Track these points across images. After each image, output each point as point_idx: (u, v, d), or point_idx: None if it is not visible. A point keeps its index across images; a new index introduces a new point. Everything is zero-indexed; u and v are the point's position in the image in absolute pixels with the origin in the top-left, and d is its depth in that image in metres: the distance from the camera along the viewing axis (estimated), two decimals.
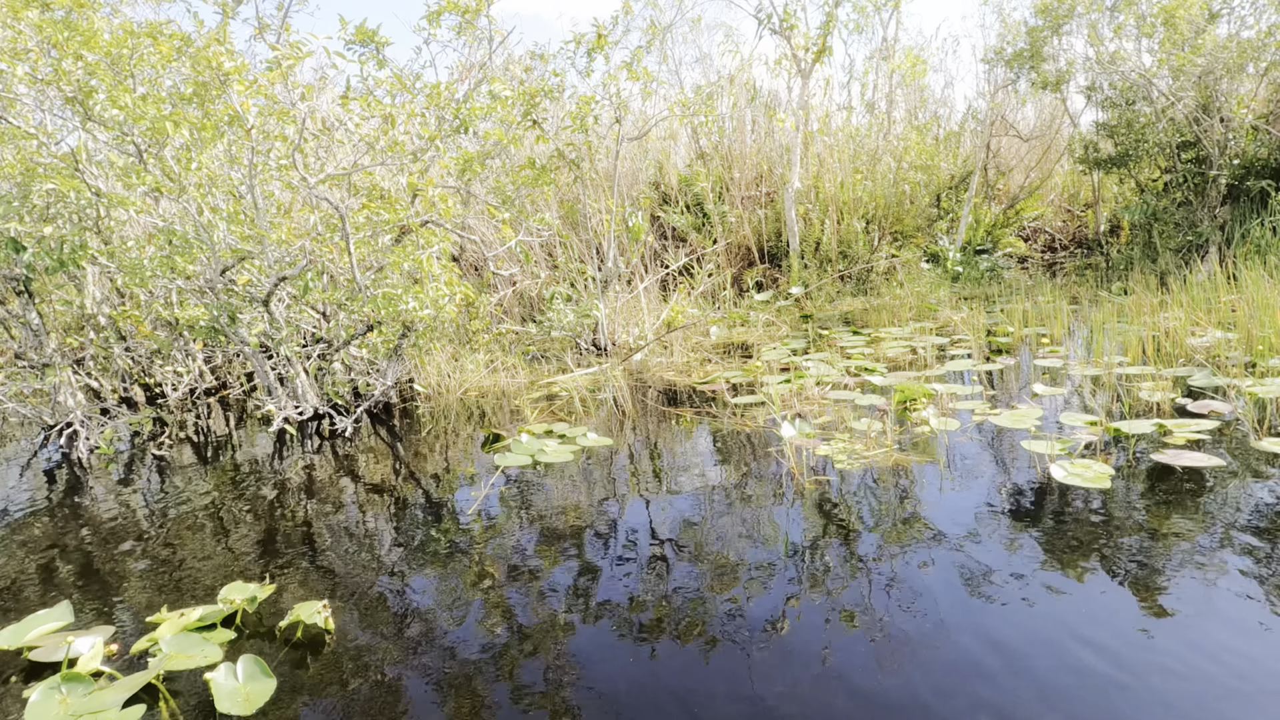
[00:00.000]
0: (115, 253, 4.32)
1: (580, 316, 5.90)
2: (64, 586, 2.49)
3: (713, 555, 2.42)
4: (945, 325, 6.41)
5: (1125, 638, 1.82)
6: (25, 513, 3.35)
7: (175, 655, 1.88)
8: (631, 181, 8.56)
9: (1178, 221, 7.34)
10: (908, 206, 8.96)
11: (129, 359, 5.41)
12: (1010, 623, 1.92)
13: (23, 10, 3.73)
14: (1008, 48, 7.74)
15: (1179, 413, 3.56)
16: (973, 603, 2.03)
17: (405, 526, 2.90)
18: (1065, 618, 1.92)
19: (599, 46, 5.06)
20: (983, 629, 1.90)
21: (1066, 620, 1.91)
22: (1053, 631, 1.87)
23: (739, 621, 2.01)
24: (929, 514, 2.63)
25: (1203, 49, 6.26)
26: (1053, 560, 2.23)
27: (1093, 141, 8.32)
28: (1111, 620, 1.90)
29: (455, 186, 5.24)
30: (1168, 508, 2.53)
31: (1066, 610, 1.96)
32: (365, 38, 4.19)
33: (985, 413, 3.77)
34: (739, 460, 3.41)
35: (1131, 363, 4.53)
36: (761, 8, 7.53)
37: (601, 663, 1.87)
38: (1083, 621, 1.90)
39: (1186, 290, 5.79)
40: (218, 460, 4.10)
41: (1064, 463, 2.98)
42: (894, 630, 1.91)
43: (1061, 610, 1.96)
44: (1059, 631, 1.87)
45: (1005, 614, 1.96)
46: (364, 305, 4.10)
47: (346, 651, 1.97)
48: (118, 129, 4.08)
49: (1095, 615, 1.93)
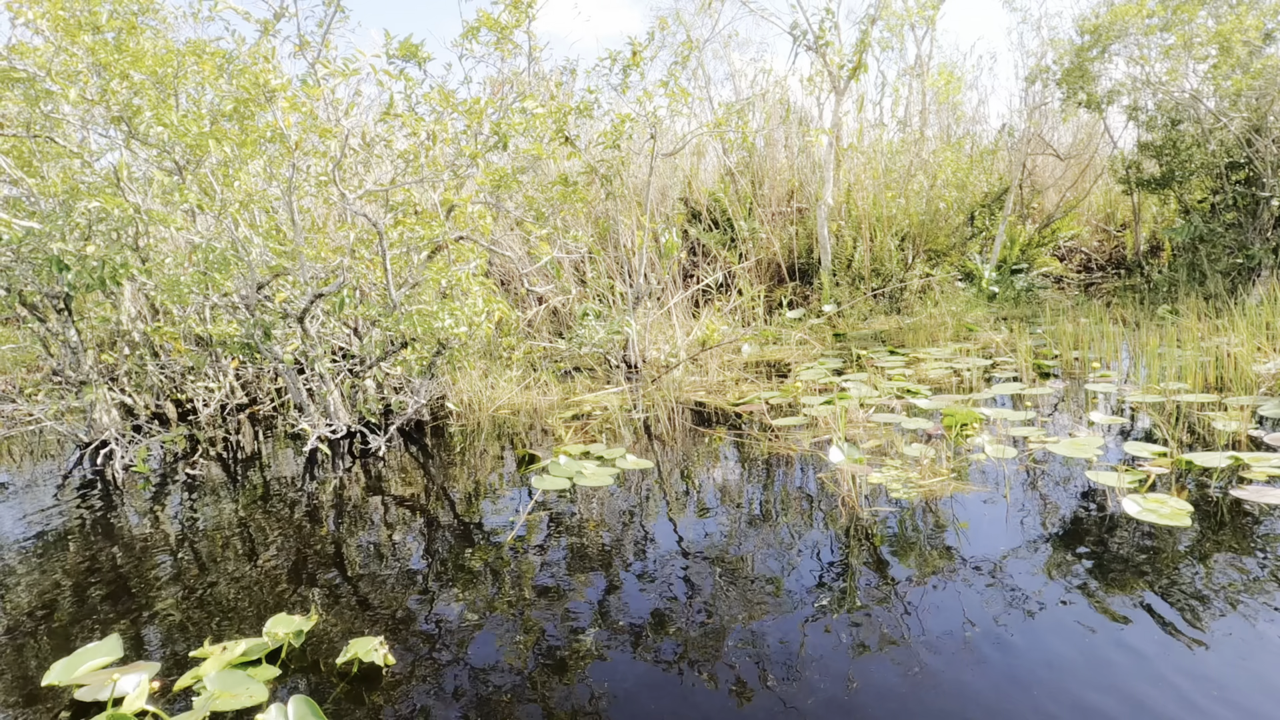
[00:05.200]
0: (153, 270, 4.32)
1: (611, 333, 5.82)
2: (103, 613, 2.42)
3: (773, 592, 2.30)
4: (986, 346, 6.24)
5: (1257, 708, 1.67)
6: (62, 533, 3.31)
7: (220, 694, 1.79)
8: (661, 198, 8.51)
9: (1228, 244, 7.12)
10: (941, 224, 8.81)
11: (162, 375, 5.40)
12: (1127, 684, 1.78)
13: (78, 34, 3.76)
14: (1055, 66, 7.60)
15: (1254, 445, 3.37)
16: (1079, 658, 1.88)
17: (447, 553, 2.81)
18: (1184, 681, 1.77)
19: (634, 63, 5.02)
20: (1100, 683, 1.75)
21: (1188, 684, 1.76)
22: (1181, 697, 1.72)
23: (815, 667, 1.88)
24: (1002, 554, 2.48)
25: (1260, 72, 6.09)
26: (1146, 612, 2.07)
27: (1136, 162, 8.13)
28: (1241, 684, 1.75)
29: (489, 202, 5.20)
30: (1261, 551, 2.37)
31: (1185, 670, 1.81)
32: (409, 53, 4.18)
33: (1041, 440, 3.61)
34: (788, 488, 3.28)
35: (1192, 389, 4.34)
36: (796, 25, 7.49)
37: (676, 705, 1.75)
38: (1208, 685, 1.75)
39: (1244, 314, 5.57)
40: (250, 479, 4.05)
41: (1136, 497, 2.82)
42: (995, 685, 1.77)
43: (1179, 669, 1.81)
44: (1187, 697, 1.72)
45: (1120, 673, 1.82)
46: (399, 322, 4.05)
47: (400, 691, 1.87)
48: (161, 147, 4.09)
49: (1217, 677, 1.77)
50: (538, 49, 4.88)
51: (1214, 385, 4.38)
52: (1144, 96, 7.38)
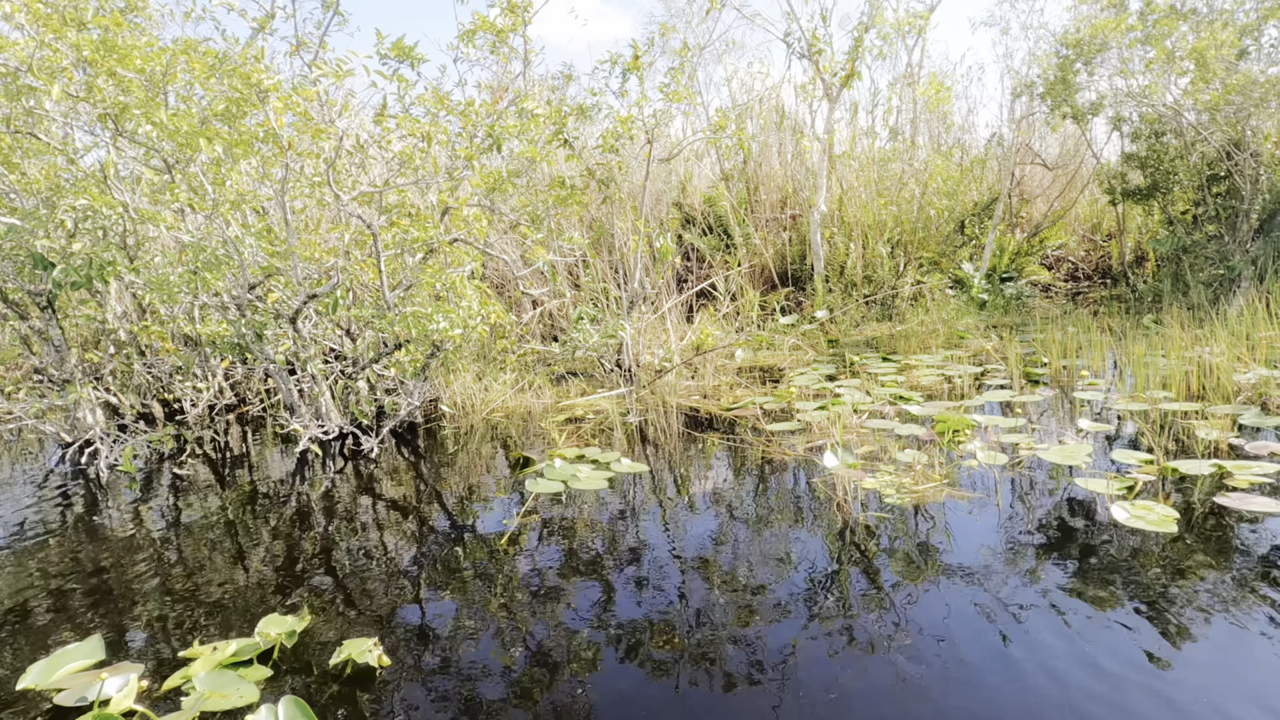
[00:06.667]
0: (141, 269, 4.27)
1: (605, 337, 5.81)
2: (86, 614, 2.38)
3: (767, 597, 2.30)
4: (976, 353, 6.30)
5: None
6: (44, 533, 3.26)
7: (211, 694, 1.77)
8: (655, 202, 8.53)
9: (1209, 255, 7.24)
10: (932, 232, 8.89)
11: (149, 375, 5.34)
12: (1121, 691, 1.79)
13: (62, 30, 3.72)
14: (1038, 81, 7.70)
15: (1235, 453, 3.42)
16: (1072, 664, 1.90)
17: (441, 555, 2.79)
18: (1175, 689, 1.79)
19: (634, 67, 5.03)
20: (1094, 691, 1.77)
21: (1180, 692, 1.78)
22: (1171, 705, 1.74)
23: (809, 674, 1.88)
24: (994, 560, 2.50)
25: (1236, 87, 6.20)
26: (1137, 617, 2.10)
27: (1121, 173, 8.25)
28: (1233, 691, 1.77)
29: (484, 205, 5.19)
30: (1246, 557, 2.40)
31: (1176, 677, 1.83)
32: (402, 53, 4.17)
33: (1032, 446, 3.65)
34: (783, 492, 3.29)
35: (1175, 398, 4.40)
36: (790, 32, 7.54)
37: (668, 709, 1.75)
38: (1200, 692, 1.77)
39: (1225, 324, 5.66)
40: (239, 480, 4.01)
41: (1124, 504, 2.86)
42: (987, 693, 1.79)
43: (1171, 677, 1.83)
44: (1178, 705, 1.74)
45: (1114, 681, 1.83)
46: (393, 324, 4.03)
47: (392, 692, 1.86)
48: (149, 144, 4.05)
49: (1209, 684, 1.79)
50: (533, 53, 4.89)
51: (1196, 394, 4.45)
52: (1127, 108, 7.50)
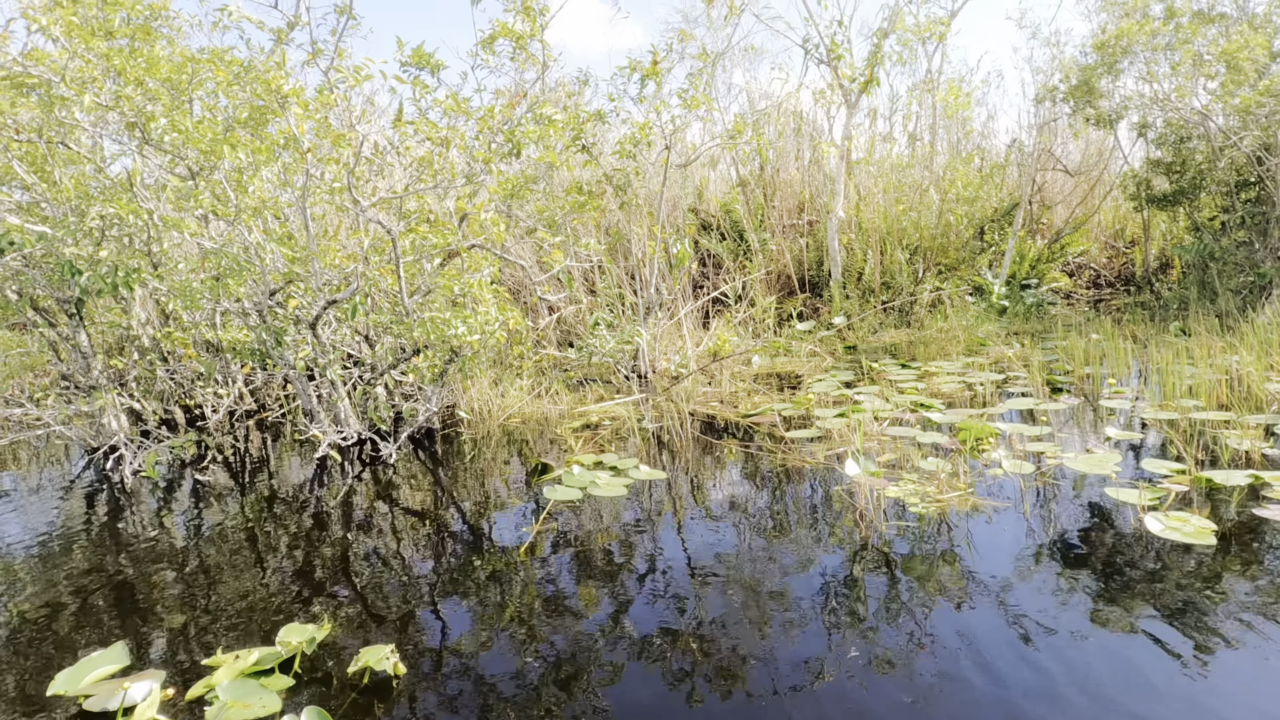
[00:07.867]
0: (165, 275, 4.32)
1: (621, 343, 5.80)
2: (112, 620, 2.39)
3: (789, 608, 2.26)
4: (997, 361, 6.21)
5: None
6: (70, 539, 3.28)
7: (233, 704, 1.76)
8: (672, 208, 8.52)
9: (1238, 261, 7.10)
10: (951, 238, 8.80)
11: (171, 381, 5.39)
12: (1160, 707, 1.74)
13: (92, 40, 3.78)
14: (1061, 85, 7.61)
15: (1270, 464, 3.33)
16: (1111, 679, 1.84)
17: (460, 563, 2.78)
18: (1221, 703, 1.73)
19: (653, 73, 5.03)
20: (1132, 708, 1.71)
21: (1226, 708, 1.72)
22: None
23: (830, 685, 1.84)
24: (1024, 571, 2.44)
25: (1268, 90, 6.08)
26: (1177, 633, 2.03)
27: (1146, 179, 8.12)
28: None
29: (501, 210, 5.21)
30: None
31: (1222, 690, 1.77)
32: (421, 60, 4.19)
33: (1058, 455, 3.58)
34: (803, 501, 3.25)
35: (1205, 407, 4.30)
36: (809, 38, 7.52)
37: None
38: (1244, 711, 1.71)
39: (1254, 332, 5.54)
40: (259, 486, 4.03)
41: (1158, 515, 2.79)
42: (1021, 709, 1.74)
43: (1217, 690, 1.77)
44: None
45: (1153, 695, 1.78)
46: (412, 329, 4.04)
47: (410, 701, 1.84)
48: (175, 152, 4.10)
49: (1256, 702, 1.73)
50: (551, 58, 4.90)
51: (1226, 403, 4.34)
52: (1153, 113, 7.38)
